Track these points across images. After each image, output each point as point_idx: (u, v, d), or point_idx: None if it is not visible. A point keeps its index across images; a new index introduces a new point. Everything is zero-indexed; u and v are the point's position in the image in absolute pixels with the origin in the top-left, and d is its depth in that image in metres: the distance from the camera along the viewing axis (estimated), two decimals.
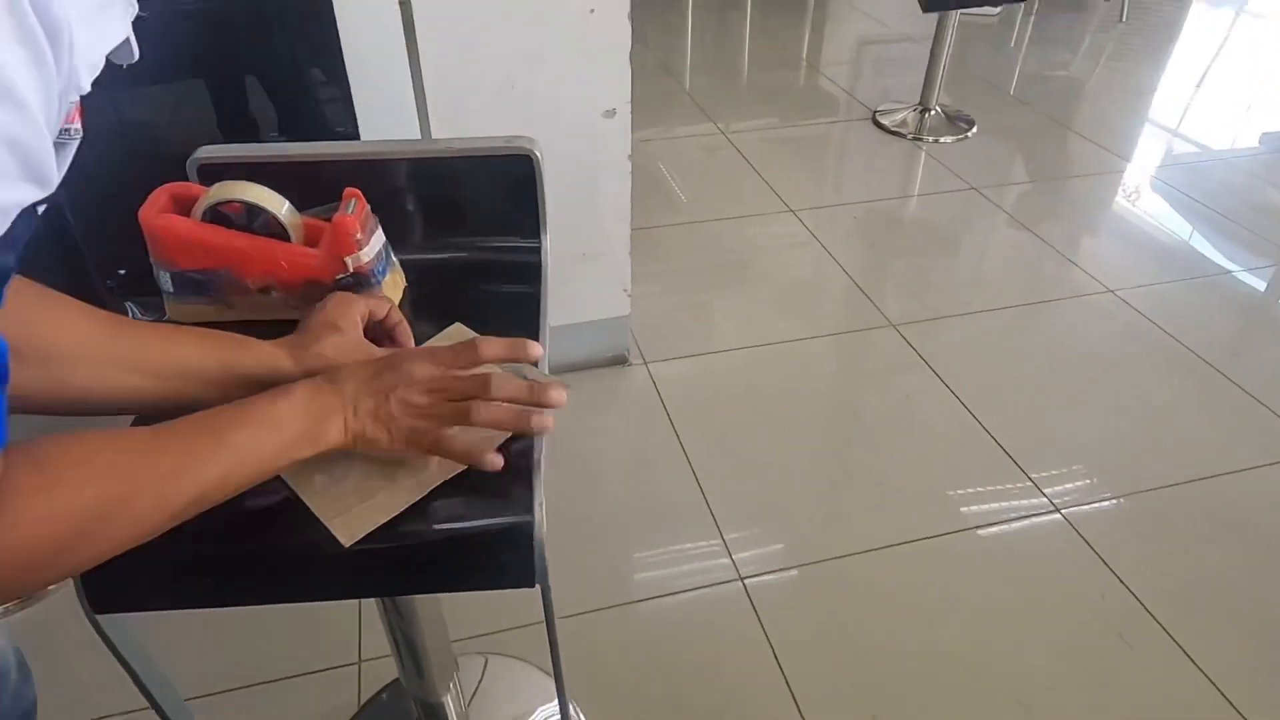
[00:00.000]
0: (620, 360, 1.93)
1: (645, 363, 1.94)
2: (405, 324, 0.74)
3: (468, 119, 1.47)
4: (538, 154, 0.84)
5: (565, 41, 1.47)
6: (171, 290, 0.78)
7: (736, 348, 2.01)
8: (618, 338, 1.90)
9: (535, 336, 0.79)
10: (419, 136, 1.47)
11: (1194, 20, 4.54)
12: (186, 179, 0.85)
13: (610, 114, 1.55)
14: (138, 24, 0.53)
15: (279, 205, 0.76)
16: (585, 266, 1.75)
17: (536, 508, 0.63)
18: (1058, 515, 1.57)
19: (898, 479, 1.66)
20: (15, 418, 0.46)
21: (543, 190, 0.87)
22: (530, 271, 0.87)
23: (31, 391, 0.57)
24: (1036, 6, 4.36)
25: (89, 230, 1.80)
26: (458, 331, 0.79)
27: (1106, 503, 1.60)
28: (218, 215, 0.77)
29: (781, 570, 1.47)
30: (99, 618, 0.63)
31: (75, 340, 0.60)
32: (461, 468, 0.64)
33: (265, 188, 0.76)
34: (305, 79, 1.52)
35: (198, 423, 0.53)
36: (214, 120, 1.69)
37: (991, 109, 3.32)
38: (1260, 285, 2.27)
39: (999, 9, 4.36)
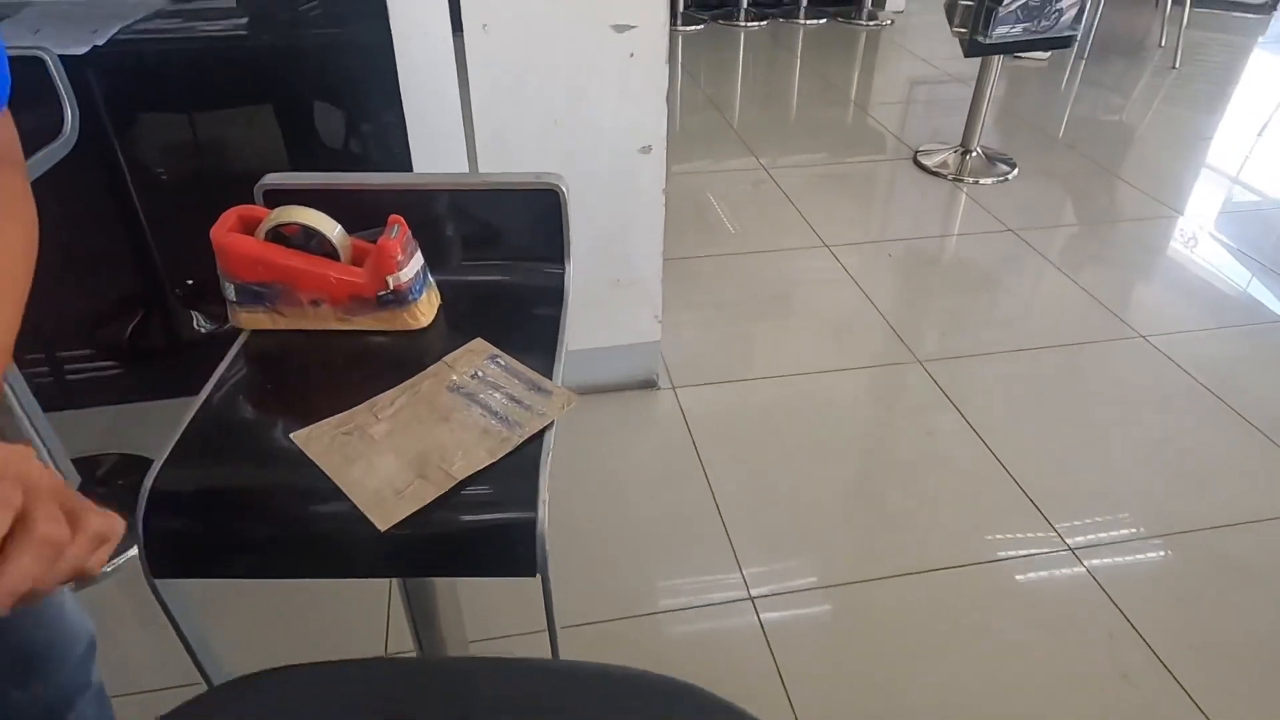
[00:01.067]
0: (649, 384, 2.00)
1: (674, 387, 2.01)
2: None
3: (512, 152, 1.57)
4: (564, 189, 0.93)
5: (606, 83, 1.57)
6: (235, 299, 0.88)
7: (764, 377, 2.07)
8: (648, 362, 1.97)
9: (552, 357, 0.87)
10: (466, 168, 1.57)
11: (1253, 67, 4.50)
12: (252, 200, 0.95)
13: (646, 150, 1.64)
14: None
15: (331, 228, 0.86)
16: (618, 293, 1.83)
17: (540, 505, 0.71)
18: (1069, 553, 1.59)
19: (914, 514, 1.69)
20: None
21: (568, 222, 0.95)
22: (554, 296, 0.95)
23: None
24: (1088, 51, 4.37)
25: (162, 240, 1.95)
26: (479, 345, 0.88)
27: (1122, 543, 1.62)
28: (278, 235, 0.87)
29: (792, 595, 1.52)
30: (157, 582, 0.72)
31: None
32: (484, 465, 0.72)
33: (320, 213, 0.86)
34: (365, 111, 1.64)
35: None
36: (278, 142, 1.83)
37: (1036, 152, 3.34)
38: None
39: (1048, 53, 4.38)
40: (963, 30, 2.76)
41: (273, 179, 0.93)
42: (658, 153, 1.67)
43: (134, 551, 1.59)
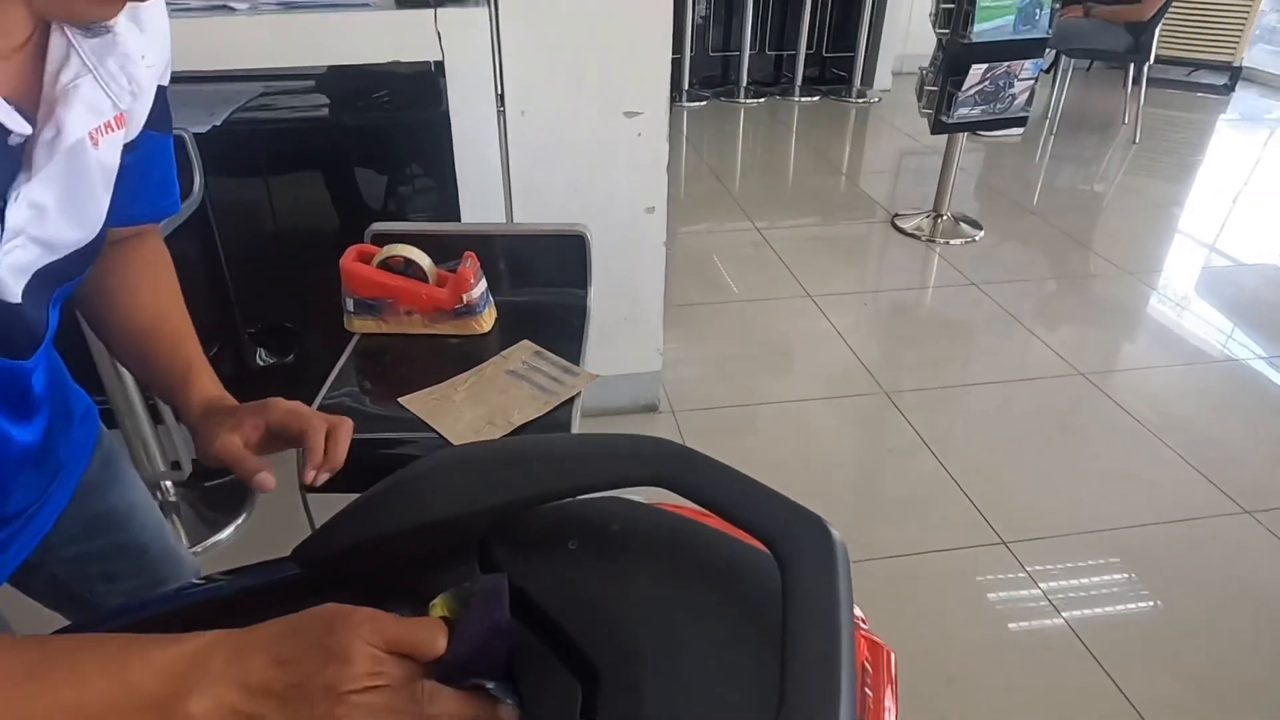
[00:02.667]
0: (651, 408, 2.34)
1: (673, 411, 2.35)
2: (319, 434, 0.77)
3: (542, 210, 1.94)
4: (588, 235, 1.29)
5: (618, 156, 1.94)
6: (353, 310, 1.23)
7: (752, 404, 2.40)
8: (650, 389, 2.31)
9: (578, 351, 1.21)
10: (504, 219, 1.94)
11: (1207, 141, 4.92)
12: (361, 241, 1.31)
13: (650, 210, 2.01)
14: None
15: (424, 259, 1.21)
16: (626, 328, 2.18)
17: None
18: (1001, 546, 1.89)
19: (880, 513, 2.01)
20: None
21: (590, 259, 1.31)
22: (579, 313, 1.30)
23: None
24: (1056, 128, 4.79)
25: (239, 286, 2.31)
26: (526, 344, 1.22)
27: (1058, 537, 1.92)
28: (385, 264, 1.22)
29: None
30: (308, 496, 1.05)
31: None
32: (533, 418, 1.06)
33: (415, 248, 1.21)
34: (424, 176, 2.03)
35: (71, 641, 0.47)
36: (343, 204, 2.20)
37: (1005, 218, 3.73)
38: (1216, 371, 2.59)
39: (1022, 129, 4.80)
40: (929, 111, 3.16)
41: (380, 226, 1.30)
42: (659, 213, 2.03)
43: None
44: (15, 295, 0.59)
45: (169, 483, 1.92)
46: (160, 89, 0.72)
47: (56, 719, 0.44)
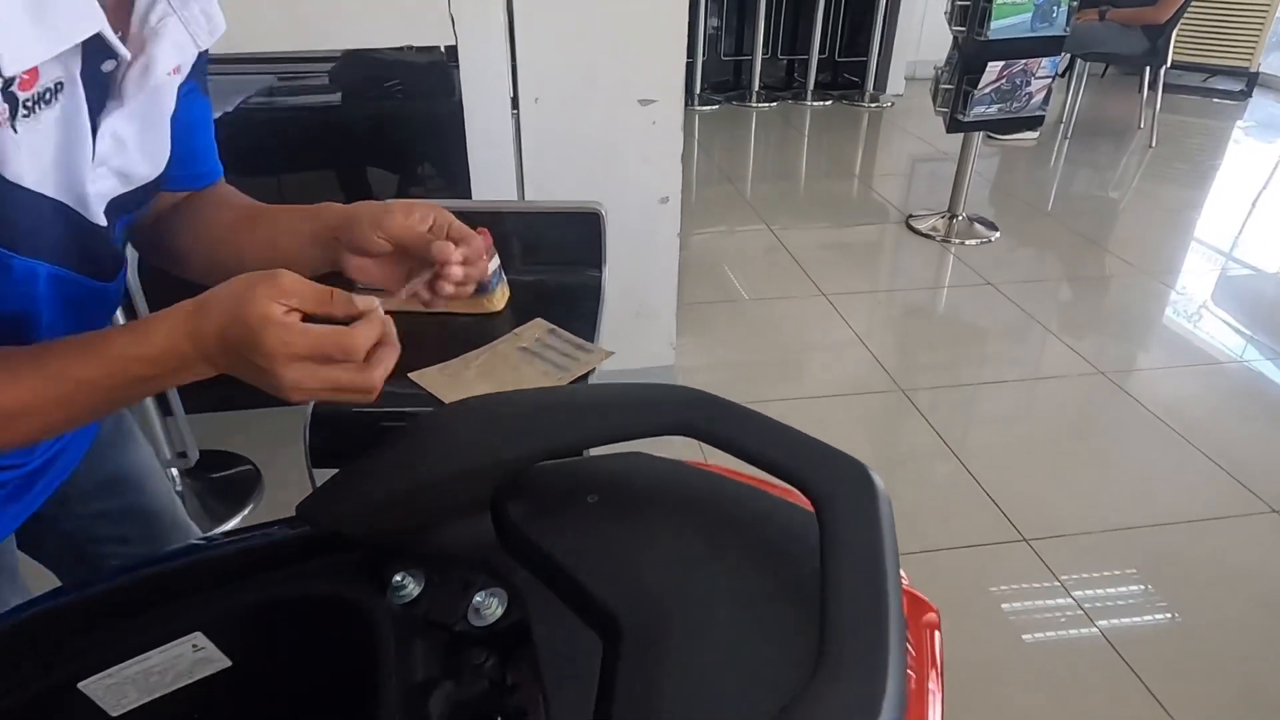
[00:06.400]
0: None
1: None
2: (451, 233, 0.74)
3: (554, 199, 1.92)
4: (603, 213, 1.26)
5: (632, 147, 1.92)
6: (361, 285, 1.21)
7: (766, 400, 2.36)
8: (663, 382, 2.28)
9: (593, 330, 1.18)
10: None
11: (1222, 147, 4.87)
12: None
13: (664, 200, 1.99)
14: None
15: None
16: (639, 323, 2.15)
17: None
18: (1024, 544, 1.85)
19: (901, 528, 1.96)
20: None
21: (605, 239, 1.28)
22: (593, 291, 1.27)
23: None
24: (1071, 133, 4.76)
25: None
26: (539, 322, 1.19)
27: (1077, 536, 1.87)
28: None
29: None
30: (315, 470, 1.02)
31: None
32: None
33: None
34: (437, 165, 2.01)
35: (87, 336, 0.57)
36: (351, 193, 2.18)
37: (1019, 220, 3.69)
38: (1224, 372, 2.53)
39: (1036, 133, 4.77)
40: (945, 110, 3.13)
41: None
42: (673, 204, 2.01)
43: None
44: (102, 218, 0.63)
45: (175, 471, 1.90)
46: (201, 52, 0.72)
47: (74, 388, 0.56)
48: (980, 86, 2.98)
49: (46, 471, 0.79)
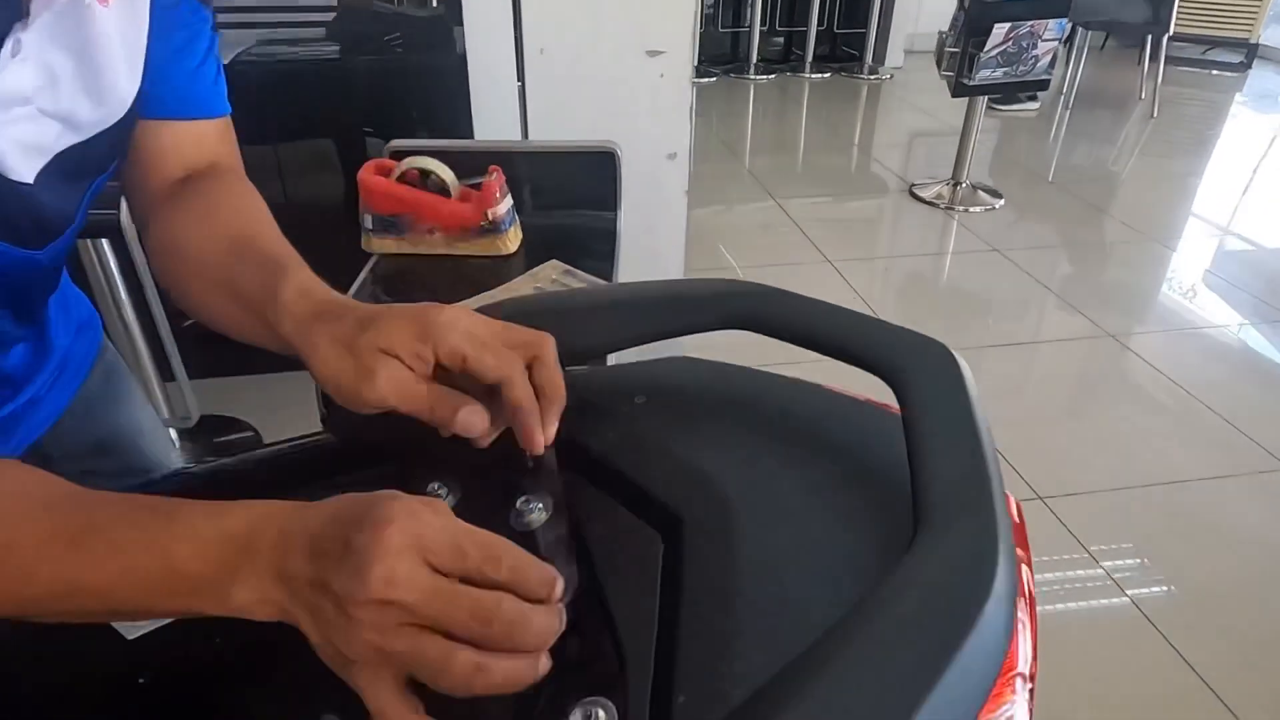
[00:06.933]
0: None
1: None
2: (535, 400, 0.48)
3: None
4: (618, 152, 1.22)
5: (640, 100, 1.87)
6: (371, 228, 1.17)
7: (773, 364, 2.32)
8: (671, 347, 2.24)
9: (610, 271, 1.14)
10: None
11: (1224, 118, 4.85)
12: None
13: (672, 156, 1.94)
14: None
15: (446, 173, 1.14)
16: None
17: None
18: (1038, 502, 1.83)
19: None
20: None
21: (620, 179, 1.24)
22: (608, 236, 1.23)
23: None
24: (1073, 102, 4.72)
25: None
26: (554, 263, 1.15)
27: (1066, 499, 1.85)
28: (404, 179, 1.15)
29: None
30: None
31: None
32: None
33: (438, 160, 1.14)
34: (438, 120, 1.96)
35: (114, 507, 0.42)
36: (350, 150, 2.12)
37: (1022, 188, 3.66)
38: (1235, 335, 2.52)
39: (1038, 103, 4.73)
40: (950, 74, 3.09)
41: (400, 142, 1.23)
42: (681, 159, 1.96)
43: None
44: (23, 174, 0.53)
45: (174, 434, 1.86)
46: None
47: (102, 592, 0.40)
48: (986, 49, 2.93)
49: (17, 428, 0.72)
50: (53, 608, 0.40)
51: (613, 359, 0.63)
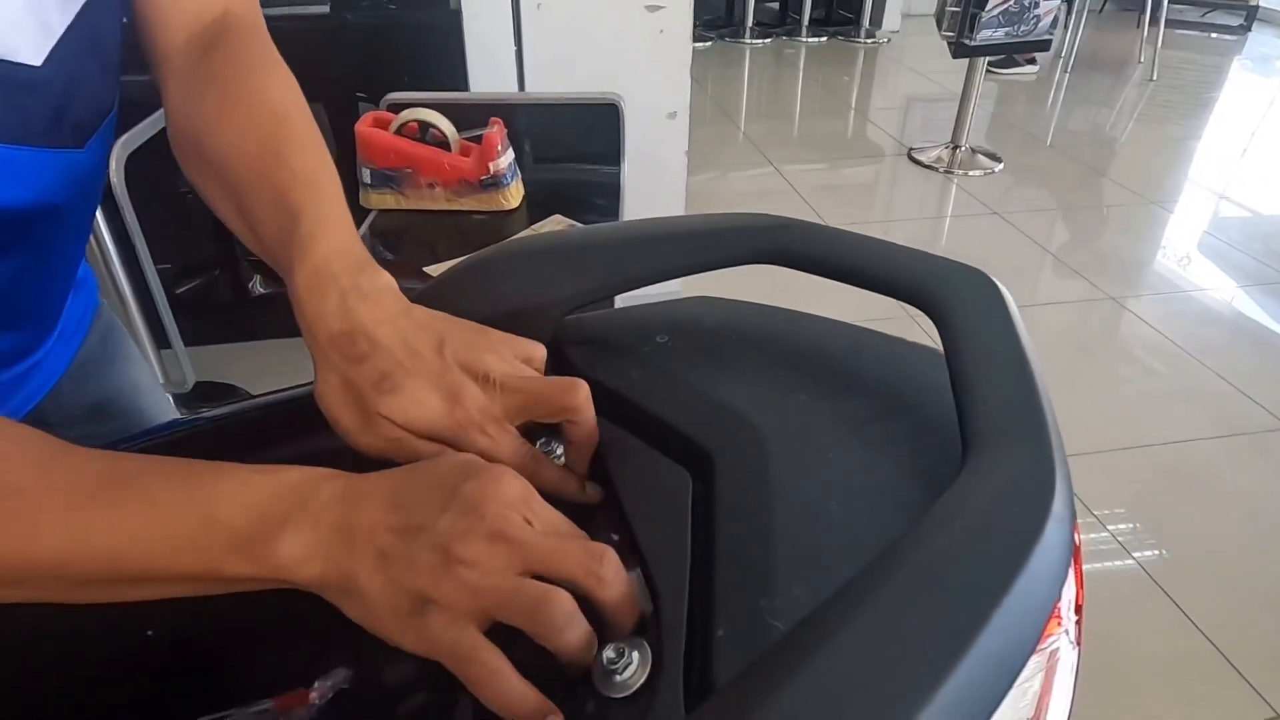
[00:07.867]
0: None
1: None
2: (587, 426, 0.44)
3: None
4: (621, 104, 1.19)
5: (640, 58, 1.84)
6: (369, 182, 1.14)
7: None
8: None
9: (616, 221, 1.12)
10: None
11: (1223, 80, 4.81)
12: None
13: (672, 115, 1.91)
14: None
15: (446, 125, 1.11)
16: None
17: None
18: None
19: None
20: None
21: (624, 132, 1.21)
22: (612, 190, 1.21)
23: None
24: (1071, 66, 4.67)
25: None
26: (558, 218, 1.13)
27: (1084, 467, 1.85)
28: (402, 132, 1.12)
29: None
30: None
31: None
32: None
33: (437, 113, 1.12)
34: (433, 79, 1.91)
35: (142, 460, 0.38)
36: (341, 109, 2.07)
37: (1021, 151, 3.62)
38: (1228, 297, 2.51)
39: (1037, 67, 4.68)
40: (950, 34, 3.04)
41: (396, 95, 1.20)
42: (681, 119, 1.93)
43: None
44: (30, 56, 0.45)
45: (170, 399, 1.83)
46: None
47: (117, 550, 0.35)
48: (988, 8, 2.89)
49: (16, 393, 0.69)
50: (54, 574, 0.36)
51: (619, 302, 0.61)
